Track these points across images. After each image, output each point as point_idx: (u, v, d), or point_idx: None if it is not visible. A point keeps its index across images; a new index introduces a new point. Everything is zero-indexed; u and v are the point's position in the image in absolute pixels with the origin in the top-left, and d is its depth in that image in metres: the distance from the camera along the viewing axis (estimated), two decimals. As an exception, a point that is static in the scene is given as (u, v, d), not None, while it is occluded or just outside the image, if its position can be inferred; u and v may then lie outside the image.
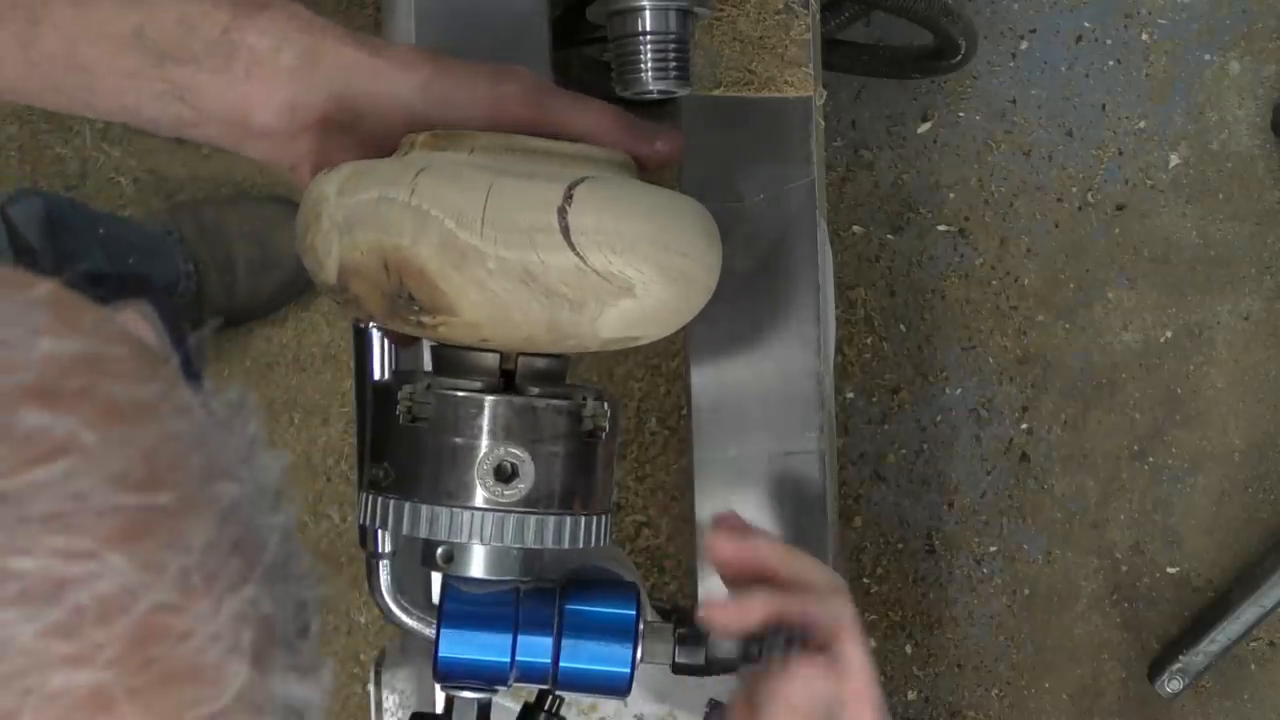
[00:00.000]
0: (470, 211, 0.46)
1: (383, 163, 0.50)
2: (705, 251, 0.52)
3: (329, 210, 0.48)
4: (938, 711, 1.48)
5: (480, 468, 0.49)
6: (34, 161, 1.39)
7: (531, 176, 0.48)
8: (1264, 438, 1.51)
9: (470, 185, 0.47)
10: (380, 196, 0.47)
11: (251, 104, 0.51)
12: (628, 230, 0.48)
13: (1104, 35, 1.52)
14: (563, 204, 0.47)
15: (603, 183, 0.49)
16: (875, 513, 1.49)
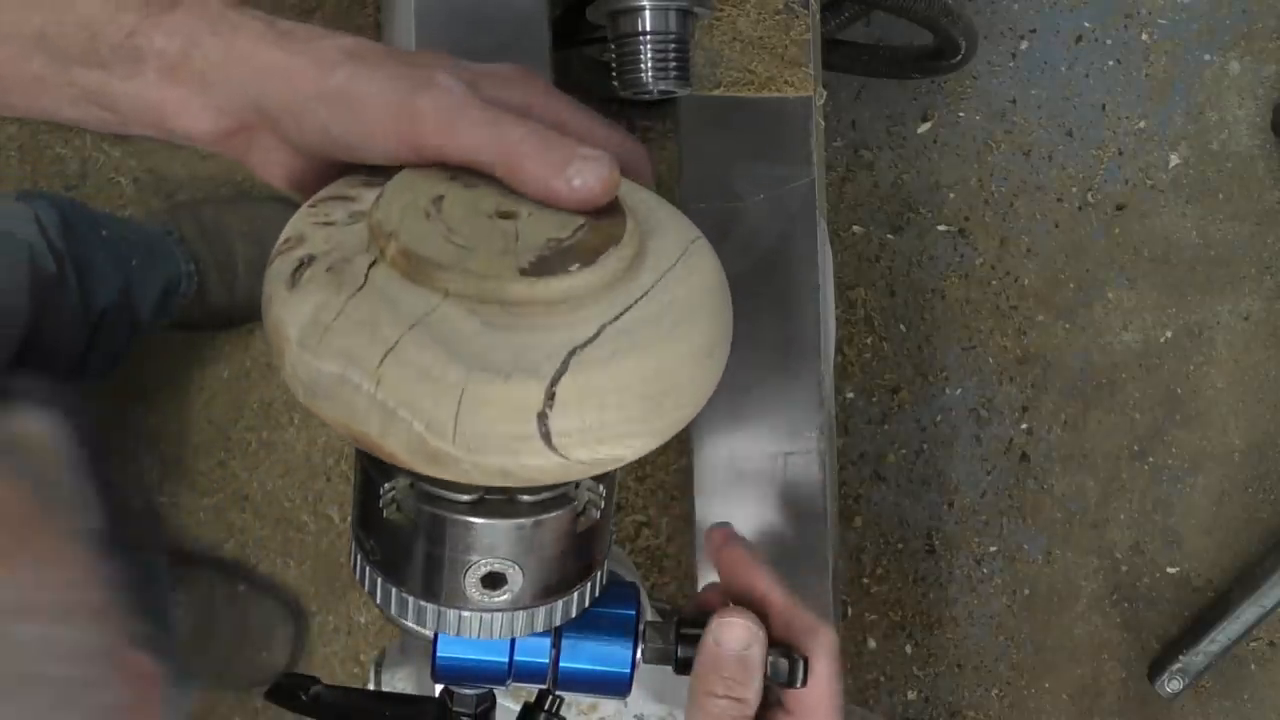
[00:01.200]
0: (442, 419, 0.41)
1: (345, 313, 0.43)
2: (708, 383, 0.47)
3: (290, 357, 0.44)
4: (938, 711, 1.48)
5: (467, 577, 0.47)
6: (34, 161, 1.39)
7: (510, 371, 0.42)
8: (1264, 438, 1.51)
9: (441, 391, 0.41)
10: (344, 376, 0.42)
11: (167, 110, 0.48)
12: (616, 419, 0.43)
13: (1104, 35, 1.52)
14: (543, 408, 0.42)
15: (589, 366, 0.42)
16: (875, 513, 1.49)
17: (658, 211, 0.50)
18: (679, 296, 0.46)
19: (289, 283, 0.44)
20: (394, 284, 0.43)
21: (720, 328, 0.47)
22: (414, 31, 0.77)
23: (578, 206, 0.46)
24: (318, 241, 0.45)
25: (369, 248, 0.44)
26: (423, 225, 0.44)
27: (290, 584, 1.40)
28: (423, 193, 0.46)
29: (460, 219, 0.45)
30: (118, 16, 0.46)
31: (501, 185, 0.46)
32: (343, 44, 0.48)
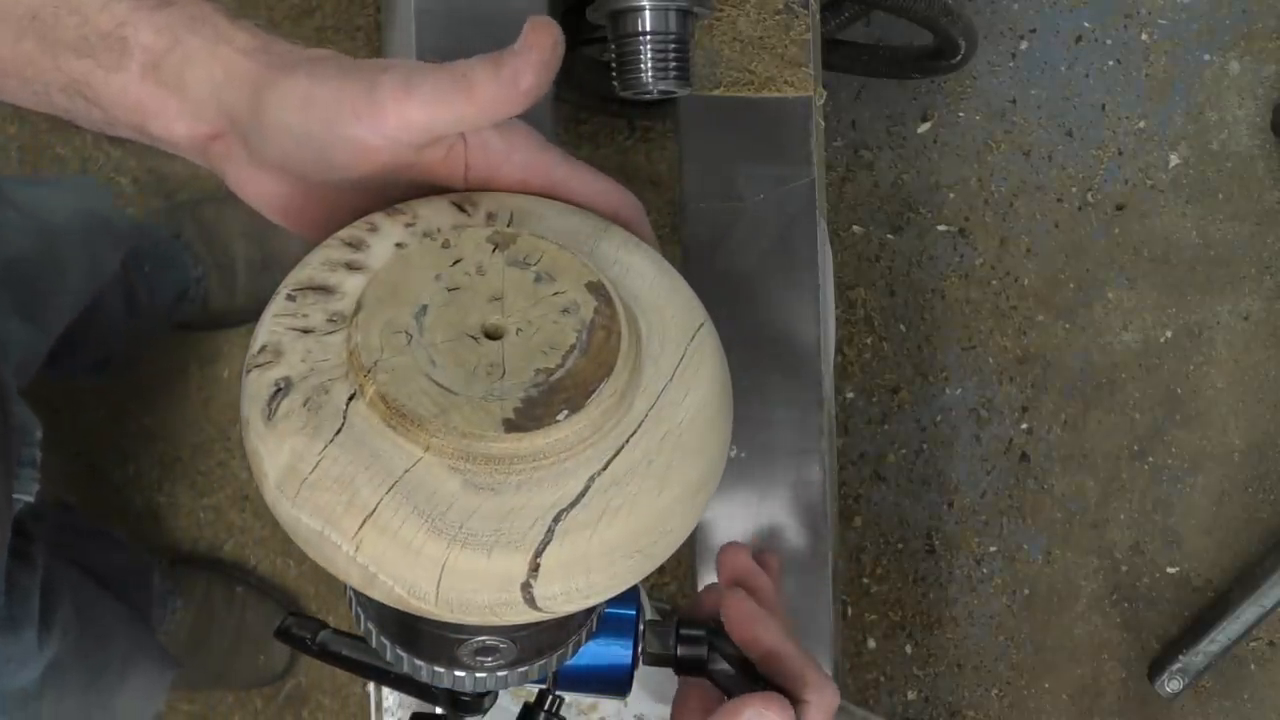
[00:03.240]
0: (423, 587, 0.40)
1: (321, 466, 0.41)
2: (699, 513, 0.45)
3: (269, 497, 0.42)
4: (938, 711, 1.48)
5: (460, 650, 0.47)
6: (34, 161, 1.39)
7: (492, 545, 0.40)
8: (1264, 438, 1.51)
9: (422, 563, 0.40)
10: (323, 533, 0.40)
11: (146, 109, 0.47)
12: (602, 580, 0.42)
13: (1104, 35, 1.52)
14: (527, 579, 0.40)
15: (575, 532, 0.41)
16: (875, 513, 1.49)
17: (658, 292, 0.47)
18: (674, 426, 0.43)
19: (265, 413, 0.42)
20: (372, 430, 0.41)
21: (718, 447, 0.45)
22: (414, 32, 0.77)
23: (525, 103, 0.45)
24: (294, 359, 0.43)
25: (348, 375, 0.42)
26: (402, 356, 0.42)
27: (290, 584, 1.40)
28: (404, 302, 0.43)
29: (442, 343, 0.42)
30: (110, 5, 0.46)
31: (491, 284, 0.44)
32: (311, 51, 0.47)
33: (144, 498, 1.40)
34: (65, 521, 1.26)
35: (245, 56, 0.46)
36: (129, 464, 1.40)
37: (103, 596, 1.06)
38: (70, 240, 0.97)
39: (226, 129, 0.47)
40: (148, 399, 1.41)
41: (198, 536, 1.41)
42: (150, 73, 0.46)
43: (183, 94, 0.47)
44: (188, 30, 0.46)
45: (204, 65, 0.46)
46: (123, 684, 1.03)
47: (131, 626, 1.10)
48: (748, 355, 0.80)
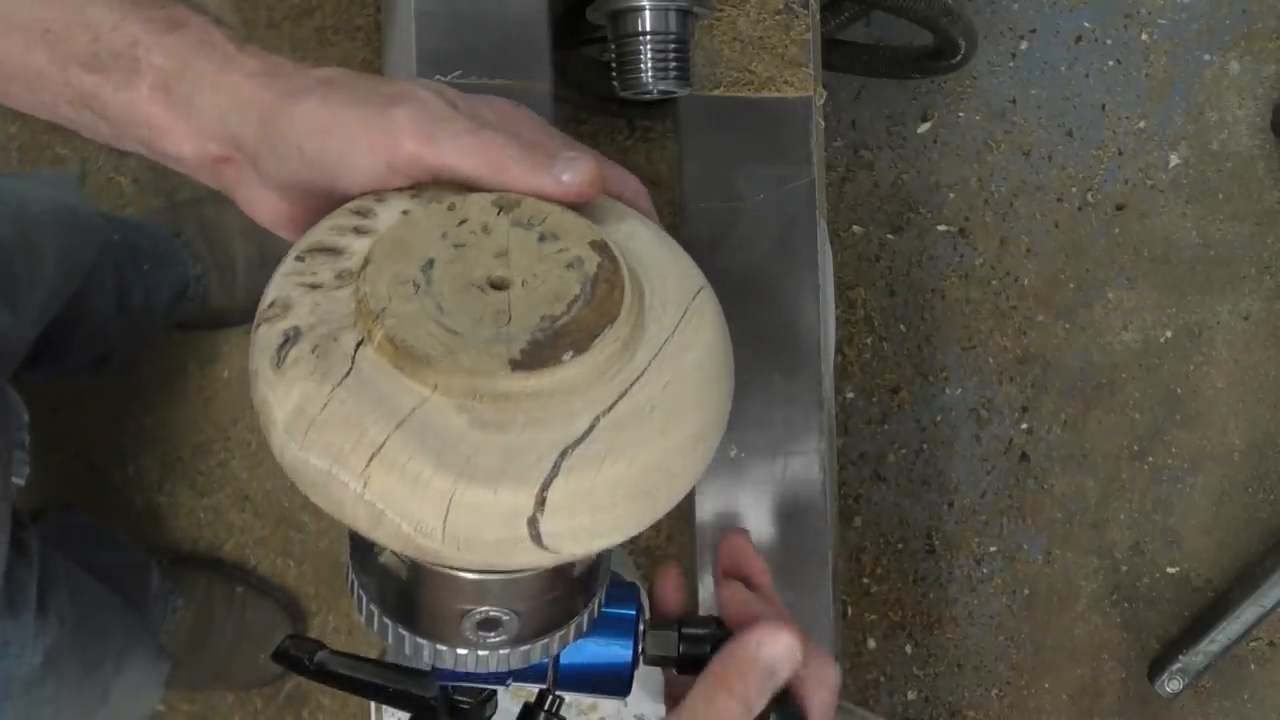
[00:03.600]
0: (430, 522, 0.41)
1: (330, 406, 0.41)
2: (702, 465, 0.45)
3: (277, 443, 0.42)
4: (938, 711, 1.48)
5: (463, 621, 0.47)
6: (34, 161, 1.39)
7: (499, 478, 0.40)
8: (1264, 438, 1.51)
9: (428, 497, 0.40)
10: (330, 471, 0.41)
11: (155, 130, 0.48)
12: (608, 518, 0.42)
13: (1104, 35, 1.52)
14: (534, 514, 0.41)
15: (581, 467, 0.41)
16: (875, 513, 1.49)
17: (660, 256, 0.48)
18: (676, 376, 0.44)
19: (274, 361, 0.43)
20: (380, 373, 0.42)
21: (717, 404, 0.46)
22: (414, 32, 0.77)
23: (565, 200, 0.46)
24: (303, 311, 0.44)
25: (356, 323, 0.43)
26: (410, 304, 0.43)
27: (290, 584, 1.40)
28: (411, 257, 0.44)
29: (450, 292, 0.43)
30: (122, 25, 0.47)
31: (496, 241, 0.45)
32: (320, 73, 0.47)
33: (144, 498, 1.40)
34: (65, 521, 1.26)
35: (253, 81, 0.47)
36: (129, 464, 1.40)
37: (98, 588, 1.06)
38: (45, 231, 0.98)
39: (234, 153, 0.48)
40: (148, 399, 1.41)
41: (198, 536, 1.41)
42: (160, 93, 0.47)
43: (191, 117, 0.47)
44: (197, 55, 0.47)
45: (212, 90, 0.47)
46: (118, 675, 1.03)
47: (127, 618, 1.11)
48: (748, 355, 0.80)
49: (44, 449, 0.93)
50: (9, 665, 0.87)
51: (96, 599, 1.05)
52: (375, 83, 0.47)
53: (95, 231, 1.08)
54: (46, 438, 1.38)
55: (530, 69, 0.77)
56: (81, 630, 0.96)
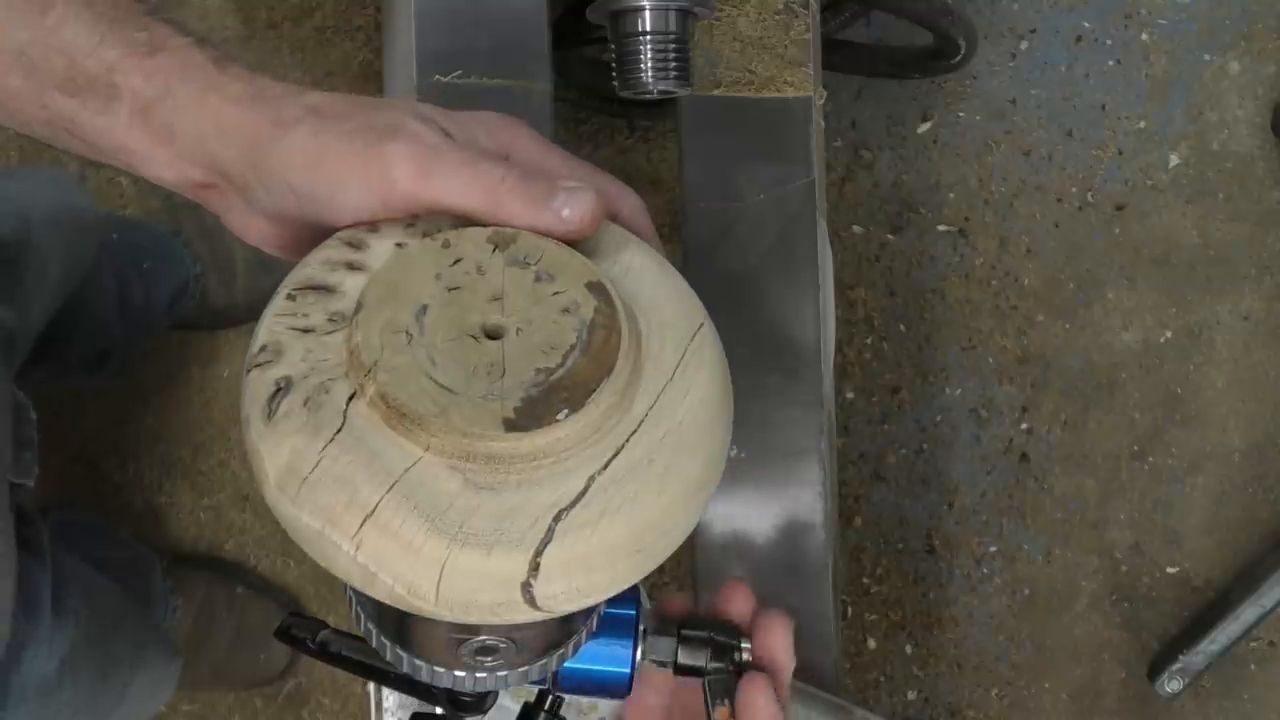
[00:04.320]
0: (424, 586, 0.40)
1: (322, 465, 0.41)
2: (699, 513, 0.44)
3: (269, 497, 0.42)
4: (938, 711, 1.48)
5: (461, 649, 0.47)
6: (34, 162, 1.39)
7: (492, 544, 0.40)
8: (1264, 438, 1.51)
9: (422, 562, 0.40)
10: (323, 532, 0.40)
11: (135, 155, 0.47)
12: (602, 579, 0.41)
13: (1104, 35, 1.52)
14: (528, 578, 0.40)
15: (576, 531, 0.40)
16: (875, 513, 1.49)
17: (659, 291, 0.47)
18: (674, 426, 0.43)
19: (265, 412, 0.42)
20: (373, 430, 0.41)
21: (716, 448, 0.45)
22: (414, 32, 0.77)
23: (566, 237, 0.44)
24: (295, 358, 0.43)
25: (348, 374, 0.42)
26: (403, 356, 0.41)
27: (290, 584, 1.40)
28: (404, 302, 0.43)
29: (443, 341, 0.42)
30: (100, 49, 0.46)
31: (491, 283, 0.43)
32: (309, 101, 0.46)
33: (144, 498, 1.40)
34: (68, 520, 1.26)
35: (237, 107, 0.45)
36: (129, 464, 1.40)
37: (111, 586, 1.06)
38: (48, 229, 0.97)
39: (218, 179, 0.46)
40: (148, 399, 1.41)
41: (198, 536, 1.41)
42: (139, 118, 0.46)
43: (172, 143, 0.46)
44: (178, 79, 0.45)
45: (194, 116, 0.45)
46: (134, 674, 1.03)
47: (139, 614, 1.11)
48: (748, 355, 0.80)
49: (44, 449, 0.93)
50: (26, 668, 0.87)
51: (110, 597, 1.05)
52: (366, 112, 0.45)
53: (96, 229, 1.08)
54: (47, 438, 1.38)
55: (530, 69, 0.77)
56: (97, 629, 0.96)
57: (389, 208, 0.44)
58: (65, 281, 1.01)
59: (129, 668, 1.03)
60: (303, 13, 1.43)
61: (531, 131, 0.49)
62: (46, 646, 0.89)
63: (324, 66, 1.42)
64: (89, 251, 1.06)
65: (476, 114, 0.48)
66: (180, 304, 1.29)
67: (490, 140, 0.47)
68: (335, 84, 1.42)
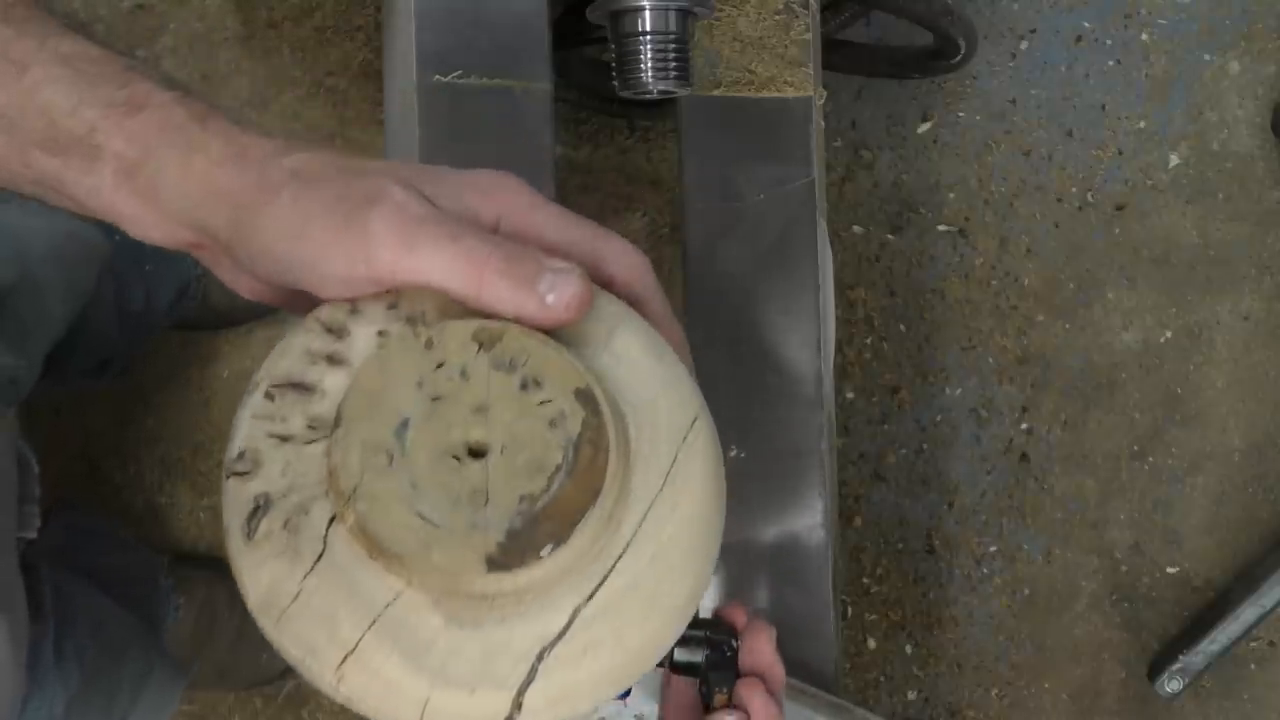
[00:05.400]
0: (408, 717, 0.40)
1: (302, 598, 0.40)
2: (687, 621, 0.44)
3: (252, 612, 0.41)
4: (938, 711, 1.48)
5: None
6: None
7: (475, 684, 0.40)
8: (1264, 438, 1.51)
9: (403, 699, 0.40)
10: (304, 661, 0.40)
11: (121, 215, 0.45)
12: (586, 704, 0.41)
13: (1104, 35, 1.52)
14: (511, 714, 0.40)
15: (560, 668, 0.40)
16: (875, 513, 1.49)
17: (651, 382, 0.45)
18: (661, 546, 0.42)
19: (245, 531, 0.41)
20: (353, 559, 0.40)
21: (705, 566, 0.44)
22: (414, 31, 0.77)
23: (550, 325, 0.43)
24: (274, 472, 0.42)
25: (328, 494, 0.41)
26: (383, 481, 0.40)
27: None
28: (384, 415, 0.41)
29: (425, 463, 0.41)
30: (79, 110, 0.45)
31: (475, 391, 0.42)
32: (292, 164, 0.44)
33: (145, 498, 1.41)
34: (70, 522, 1.26)
35: (220, 170, 0.44)
36: (130, 465, 1.40)
37: (115, 611, 1.06)
38: (47, 267, 0.96)
39: (206, 240, 0.46)
40: (148, 400, 1.41)
41: (198, 536, 1.41)
42: (124, 181, 0.45)
43: (158, 206, 0.45)
44: (159, 140, 0.44)
45: (178, 180, 0.44)
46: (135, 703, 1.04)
47: (144, 638, 1.11)
48: (748, 355, 0.80)
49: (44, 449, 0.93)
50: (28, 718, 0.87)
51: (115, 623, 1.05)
52: (349, 178, 0.44)
53: (96, 253, 1.07)
54: (47, 438, 1.38)
55: (530, 69, 0.77)
56: (104, 661, 0.96)
57: (372, 281, 0.43)
58: (67, 314, 1.00)
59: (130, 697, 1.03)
60: (303, 13, 1.43)
61: (521, 187, 0.47)
62: (49, 702, 0.89)
63: (324, 66, 1.42)
64: (90, 276, 1.05)
65: (465, 175, 0.46)
66: (182, 305, 1.29)
67: (479, 202, 0.46)
68: (335, 84, 1.42)
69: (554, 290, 0.42)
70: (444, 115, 0.77)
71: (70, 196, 0.46)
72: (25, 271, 0.93)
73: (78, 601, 0.98)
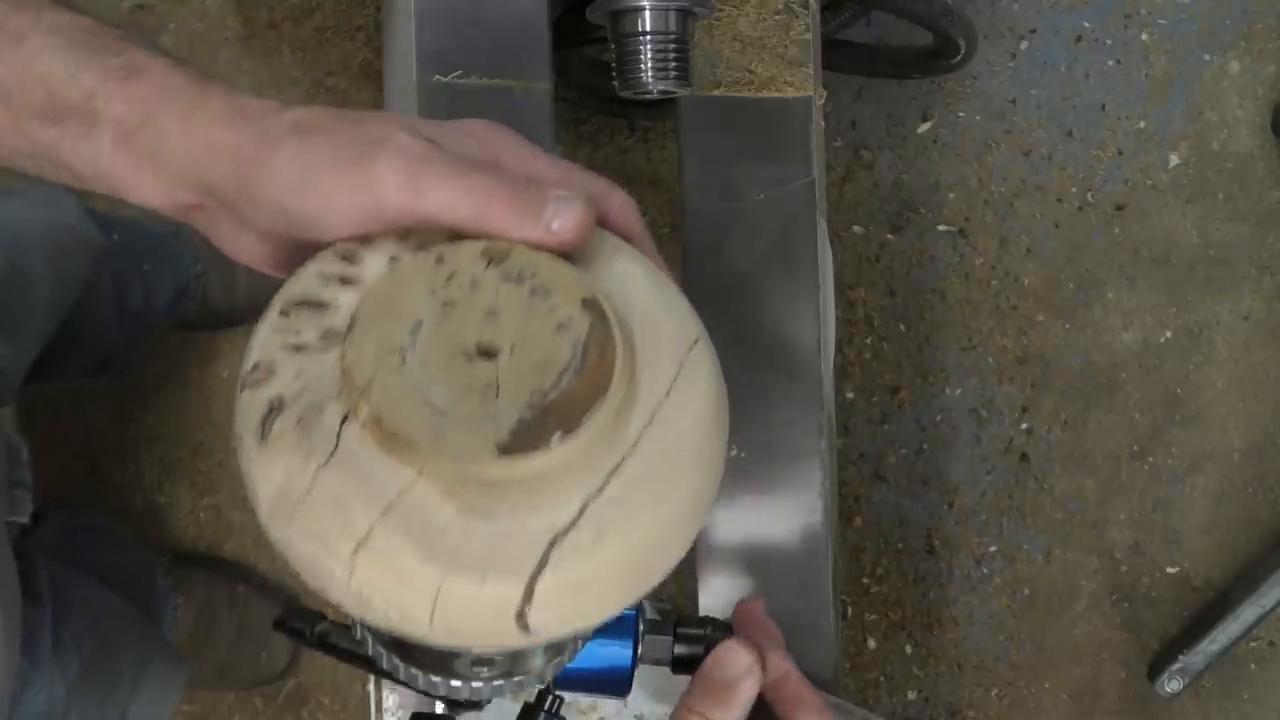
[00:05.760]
0: (417, 612, 0.40)
1: (314, 489, 0.41)
2: (694, 533, 0.44)
3: (263, 519, 0.42)
4: (938, 711, 1.48)
5: (456, 661, 0.48)
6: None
7: (486, 571, 0.40)
8: (1264, 438, 1.51)
9: (415, 587, 0.40)
10: (316, 556, 0.40)
11: (121, 181, 0.46)
12: (597, 603, 0.41)
13: (1104, 35, 1.52)
14: (521, 606, 0.40)
15: (571, 556, 0.40)
16: (875, 513, 1.49)
17: (654, 303, 0.47)
18: (670, 443, 0.43)
19: (258, 433, 0.42)
20: (366, 452, 0.41)
21: (712, 465, 0.45)
22: (414, 31, 0.77)
23: (557, 248, 0.44)
24: (287, 377, 0.43)
25: (341, 393, 0.42)
26: (396, 376, 0.41)
27: (290, 583, 1.40)
28: (398, 319, 0.42)
29: (437, 364, 0.42)
30: (77, 76, 0.45)
31: (485, 298, 0.43)
32: (293, 117, 0.45)
33: (145, 497, 1.41)
34: (69, 522, 1.26)
35: (221, 125, 0.44)
36: (129, 464, 1.41)
37: (114, 601, 1.06)
38: (38, 258, 0.96)
39: (207, 199, 0.46)
40: (148, 399, 1.41)
41: (198, 536, 1.41)
42: (123, 144, 0.45)
43: (158, 167, 0.45)
44: (159, 102, 0.45)
45: (179, 139, 0.45)
46: (135, 692, 1.03)
47: (143, 629, 1.11)
48: (748, 355, 0.80)
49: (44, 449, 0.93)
50: (26, 708, 0.87)
51: (114, 616, 1.05)
52: (351, 126, 0.44)
53: (89, 247, 1.07)
54: (47, 438, 1.38)
55: (530, 69, 0.77)
56: (102, 653, 0.96)
57: (380, 221, 0.44)
58: (58, 307, 1.00)
59: (130, 686, 1.03)
60: (303, 13, 1.43)
61: (518, 136, 0.48)
62: (48, 687, 0.89)
63: (324, 66, 1.42)
64: (82, 271, 1.05)
65: (462, 123, 0.48)
66: (181, 304, 1.29)
67: (479, 149, 0.47)
68: (335, 84, 1.42)
69: (558, 215, 0.43)
70: (444, 115, 0.77)
71: (68, 167, 0.46)
72: (14, 261, 0.93)
73: (75, 593, 0.98)
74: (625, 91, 0.73)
